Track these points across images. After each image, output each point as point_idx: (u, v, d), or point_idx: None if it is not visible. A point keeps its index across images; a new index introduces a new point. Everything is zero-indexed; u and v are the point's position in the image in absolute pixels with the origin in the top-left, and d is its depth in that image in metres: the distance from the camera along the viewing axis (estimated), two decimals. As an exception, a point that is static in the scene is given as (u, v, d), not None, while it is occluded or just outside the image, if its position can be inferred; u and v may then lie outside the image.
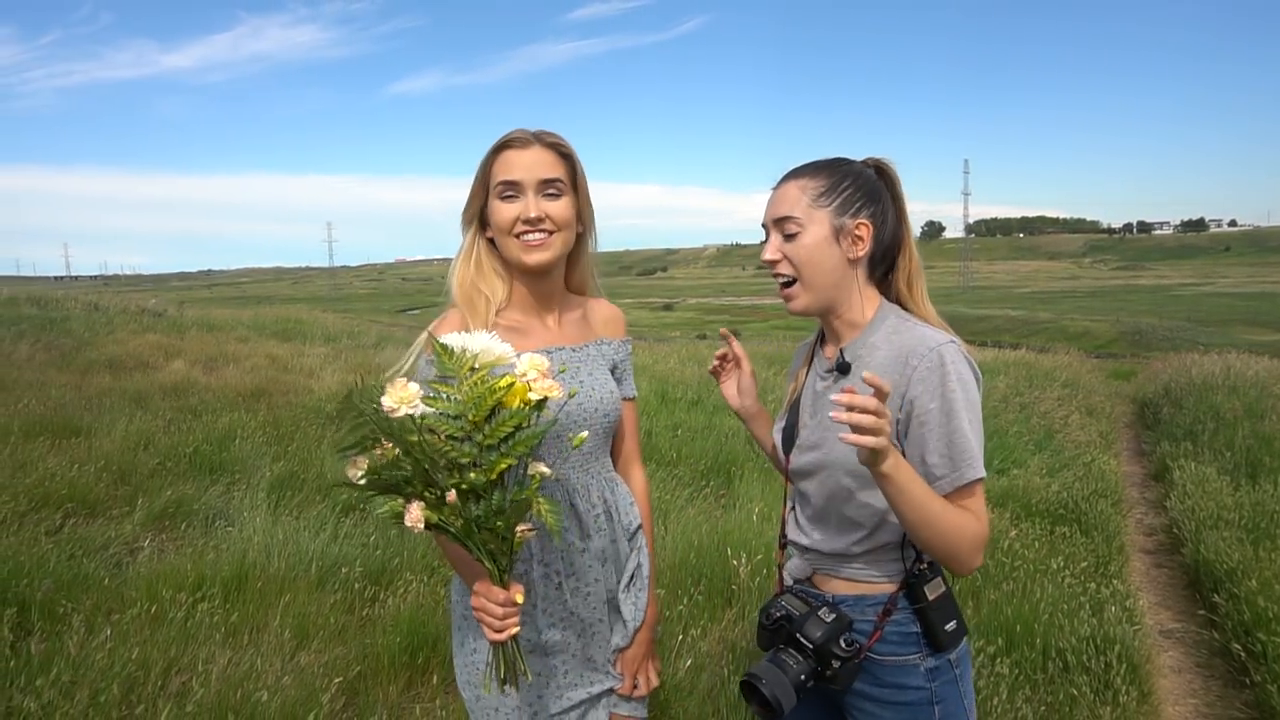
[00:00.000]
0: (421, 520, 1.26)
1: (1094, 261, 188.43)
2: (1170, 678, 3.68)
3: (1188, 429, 7.76)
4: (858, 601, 1.48)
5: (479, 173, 1.57)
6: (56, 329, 12.97)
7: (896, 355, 1.42)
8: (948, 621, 1.46)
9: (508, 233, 1.53)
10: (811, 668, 1.42)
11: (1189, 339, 38.85)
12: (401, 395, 1.23)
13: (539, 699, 1.60)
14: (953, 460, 1.37)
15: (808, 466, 1.52)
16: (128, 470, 5.47)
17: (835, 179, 1.48)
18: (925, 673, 1.46)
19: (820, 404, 1.52)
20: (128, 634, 3.09)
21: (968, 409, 1.37)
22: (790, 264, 1.48)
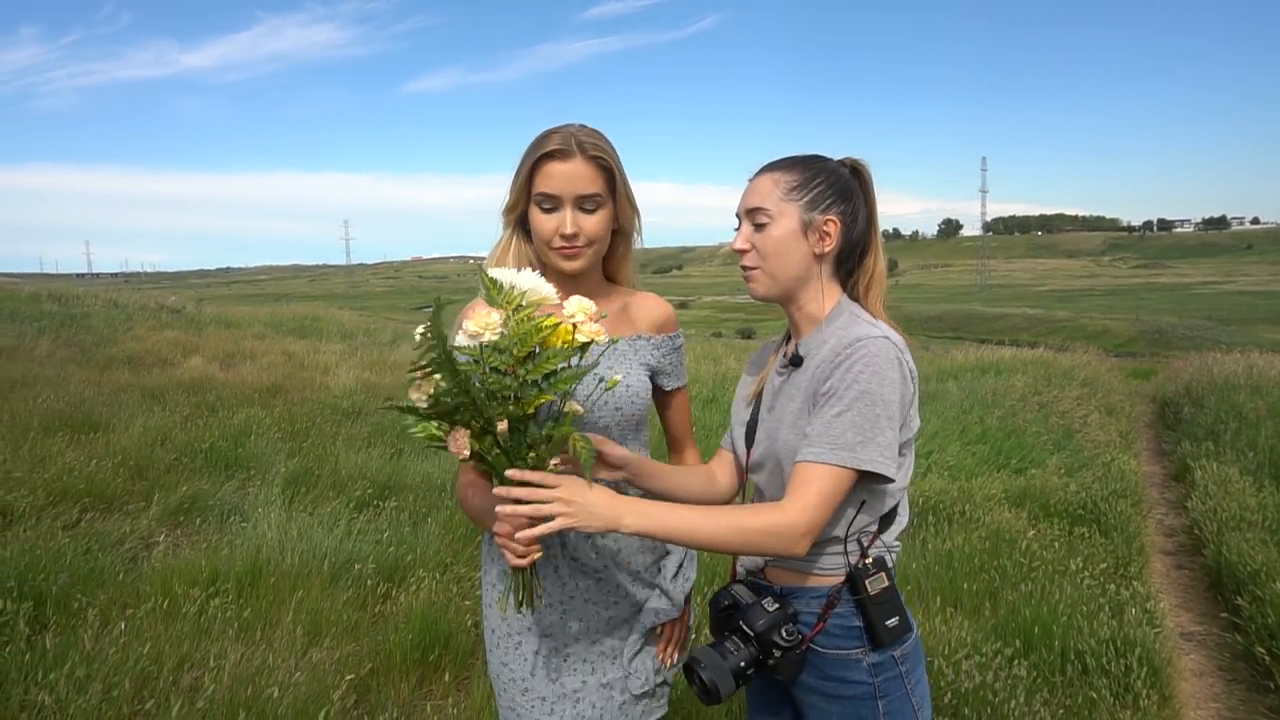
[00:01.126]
0: (467, 448, 1.30)
1: (1113, 260, 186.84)
2: (1192, 681, 3.62)
3: (1209, 429, 7.66)
4: (803, 593, 1.49)
5: (522, 175, 1.57)
6: (77, 325, 13.10)
7: (835, 346, 1.44)
8: (889, 617, 1.46)
9: (545, 243, 1.58)
10: (753, 655, 1.44)
11: (1210, 338, 38.45)
12: (486, 322, 1.26)
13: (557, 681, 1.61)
14: (811, 438, 1.39)
15: (759, 459, 1.56)
16: (144, 465, 5.50)
17: (809, 175, 1.50)
18: (868, 667, 1.46)
19: (776, 399, 1.55)
20: (142, 629, 3.10)
21: (859, 400, 1.37)
22: (757, 254, 1.51)
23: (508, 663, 1.62)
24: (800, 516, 1.35)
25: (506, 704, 1.64)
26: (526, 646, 1.62)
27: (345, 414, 7.50)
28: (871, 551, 1.48)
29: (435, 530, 4.38)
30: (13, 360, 9.36)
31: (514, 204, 1.60)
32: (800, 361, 1.51)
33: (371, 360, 11.27)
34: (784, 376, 1.56)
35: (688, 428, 1.80)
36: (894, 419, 1.39)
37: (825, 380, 1.41)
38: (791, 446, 1.45)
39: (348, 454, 5.89)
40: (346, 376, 9.55)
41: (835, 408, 1.38)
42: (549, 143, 1.54)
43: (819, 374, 1.43)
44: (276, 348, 12.02)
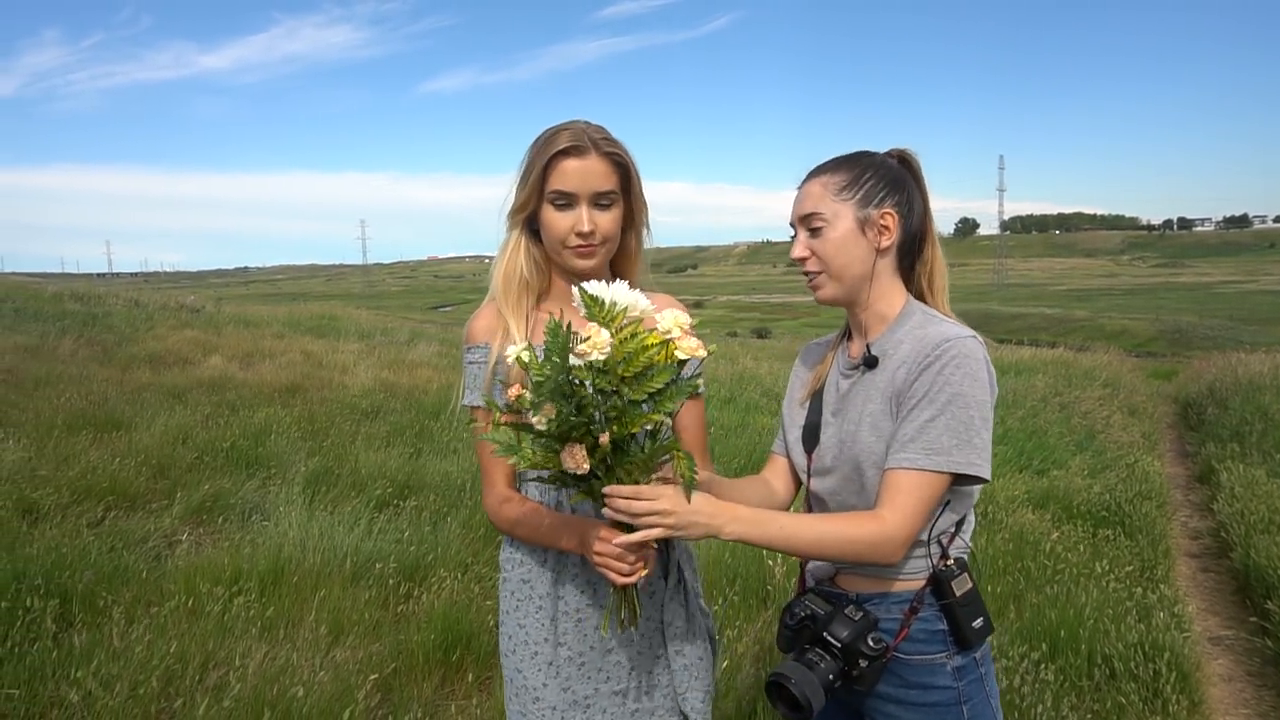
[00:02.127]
0: (586, 461, 1.28)
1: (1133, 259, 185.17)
2: (1220, 686, 3.57)
3: (1234, 430, 7.57)
4: (882, 599, 1.46)
5: (533, 174, 1.52)
6: (99, 325, 13.22)
7: (917, 348, 1.41)
8: (975, 618, 1.43)
9: (559, 242, 1.54)
10: (839, 667, 1.40)
11: (1232, 338, 38.02)
12: (596, 341, 1.25)
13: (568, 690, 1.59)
14: (903, 443, 1.37)
15: (831, 463, 1.51)
16: (166, 464, 5.54)
17: (856, 171, 1.48)
18: (952, 672, 1.43)
19: (846, 401, 1.51)
20: (166, 627, 3.12)
21: (953, 403, 1.35)
22: (818, 259, 1.48)
23: (522, 669, 1.61)
24: (900, 527, 1.34)
25: (519, 709, 1.62)
26: (542, 656, 1.60)
27: (364, 413, 7.53)
28: (952, 552, 1.45)
29: (455, 530, 4.38)
30: (37, 359, 9.45)
31: (524, 203, 1.55)
32: (874, 362, 1.47)
33: (389, 359, 11.31)
34: (852, 378, 1.52)
35: (702, 441, 1.70)
36: (988, 420, 1.38)
37: (912, 382, 1.39)
38: (873, 450, 1.42)
39: (367, 453, 5.91)
40: (365, 376, 9.59)
41: (927, 411, 1.36)
42: (562, 139, 1.51)
43: (903, 375, 1.41)
44: (295, 347, 12.09)
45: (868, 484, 1.44)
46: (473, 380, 1.62)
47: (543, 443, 1.29)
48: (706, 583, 3.66)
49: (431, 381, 9.38)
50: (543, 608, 1.60)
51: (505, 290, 1.59)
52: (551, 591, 1.59)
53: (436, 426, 6.95)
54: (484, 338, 1.60)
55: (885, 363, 1.46)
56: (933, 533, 1.43)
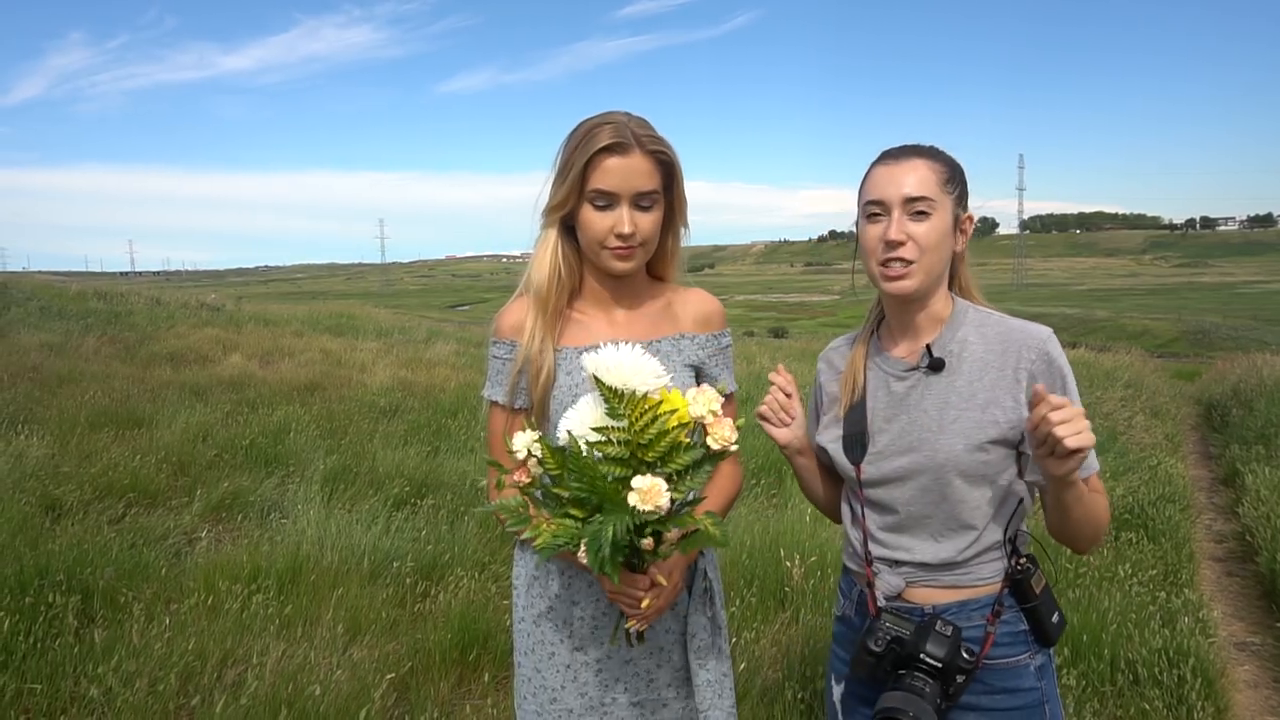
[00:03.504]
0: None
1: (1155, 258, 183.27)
2: (1246, 693, 3.51)
3: (1259, 432, 7.45)
4: (961, 608, 1.40)
5: (573, 171, 1.45)
6: (121, 323, 13.38)
7: (1001, 349, 1.40)
8: (1053, 613, 1.41)
9: (598, 243, 1.49)
10: (941, 688, 1.34)
11: (1256, 339, 37.51)
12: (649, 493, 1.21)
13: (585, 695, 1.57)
14: None
15: (897, 473, 1.43)
16: (187, 461, 5.58)
17: (954, 167, 1.44)
18: (1035, 671, 1.40)
19: (906, 405, 1.44)
20: (185, 624, 3.13)
21: (1076, 397, 1.37)
22: (916, 246, 1.39)
23: (541, 669, 1.58)
24: None
25: (535, 709, 1.59)
26: (559, 658, 1.57)
27: (382, 411, 7.56)
28: (1022, 549, 1.42)
29: (473, 529, 4.38)
30: (61, 356, 9.57)
31: (563, 201, 1.48)
32: (941, 365, 1.43)
33: (407, 358, 11.36)
34: (909, 381, 1.46)
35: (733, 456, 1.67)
36: None
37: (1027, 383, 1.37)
38: (961, 460, 1.37)
39: (385, 451, 5.93)
40: (383, 374, 9.64)
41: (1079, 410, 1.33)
42: (604, 135, 1.44)
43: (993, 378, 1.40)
44: (314, 345, 12.17)
45: (952, 494, 1.39)
46: (495, 375, 1.60)
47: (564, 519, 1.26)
48: (724, 584, 3.63)
49: (449, 380, 9.41)
50: (555, 609, 1.58)
51: (537, 289, 1.55)
52: (564, 594, 1.57)
53: (454, 425, 6.96)
54: (511, 334, 1.57)
55: (956, 365, 1.42)
56: (1009, 532, 1.41)
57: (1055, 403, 1.19)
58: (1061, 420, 1.18)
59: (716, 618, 1.59)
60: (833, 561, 3.84)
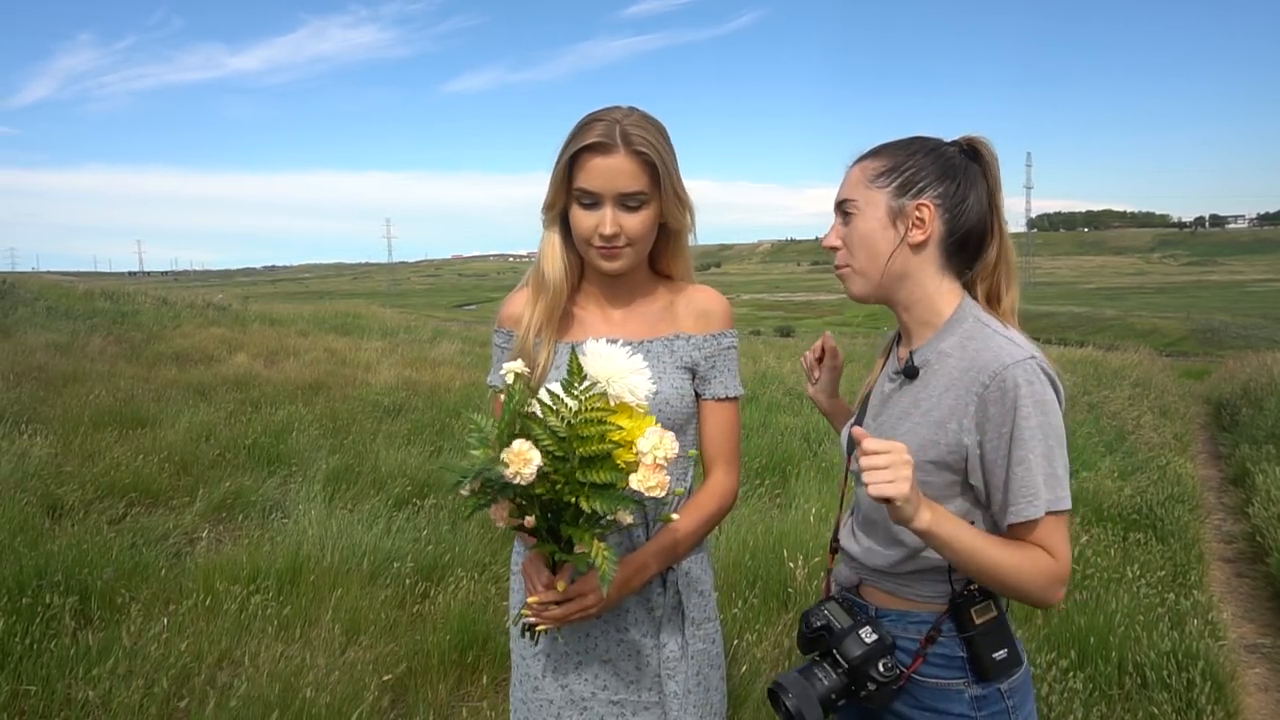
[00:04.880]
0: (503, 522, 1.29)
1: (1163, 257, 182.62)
2: (1256, 696, 3.46)
3: (1270, 431, 7.39)
4: (901, 618, 1.38)
5: (560, 170, 1.46)
6: (127, 322, 13.41)
7: (966, 368, 1.29)
8: (997, 649, 1.33)
9: (585, 242, 1.49)
10: (844, 685, 1.33)
11: (1265, 337, 37.31)
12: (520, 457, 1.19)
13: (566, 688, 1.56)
14: (1012, 495, 1.25)
15: None
16: (189, 461, 5.57)
17: (899, 159, 1.35)
18: (970, 700, 1.34)
19: (886, 407, 1.42)
20: (184, 625, 3.11)
21: (1042, 438, 1.24)
22: (846, 250, 1.39)
23: (525, 656, 1.59)
24: (1065, 572, 1.26)
25: (521, 697, 1.60)
26: (541, 647, 1.57)
27: (386, 411, 7.55)
28: None
29: (474, 529, 4.36)
30: (67, 356, 9.58)
31: (552, 201, 1.49)
32: (915, 373, 1.36)
33: (412, 357, 11.35)
34: (895, 384, 1.41)
35: (722, 446, 1.58)
36: (1064, 444, 1.28)
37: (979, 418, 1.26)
38: None
39: (388, 451, 5.91)
40: (387, 373, 9.63)
41: (1022, 451, 1.24)
42: (589, 134, 1.42)
43: (949, 402, 1.29)
44: (319, 345, 12.17)
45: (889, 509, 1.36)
46: (496, 362, 1.61)
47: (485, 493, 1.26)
48: (726, 585, 3.61)
49: (454, 379, 9.39)
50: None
51: (536, 285, 1.56)
52: None
53: (458, 425, 6.94)
54: (510, 324, 1.59)
55: (928, 376, 1.34)
56: None
57: (867, 448, 1.14)
58: (870, 466, 1.13)
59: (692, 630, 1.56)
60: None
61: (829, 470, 5.84)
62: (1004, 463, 1.25)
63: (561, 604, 1.37)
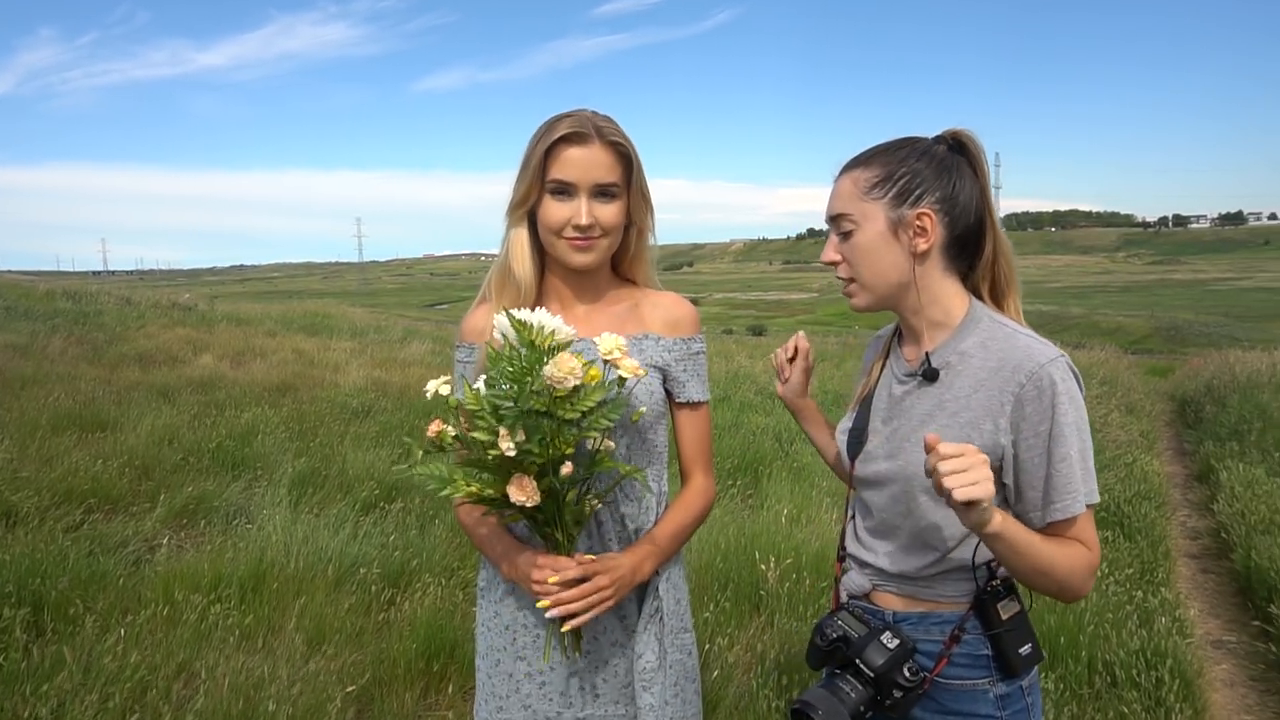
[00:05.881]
0: (537, 492, 1.26)
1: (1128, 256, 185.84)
2: (1223, 691, 3.50)
3: (1233, 428, 7.51)
4: (921, 620, 1.35)
5: (533, 163, 1.44)
6: (89, 323, 13.11)
7: (996, 368, 1.27)
8: (1023, 644, 1.32)
9: (556, 234, 1.46)
10: (870, 696, 1.30)
11: (1227, 335, 38.08)
12: (569, 367, 1.23)
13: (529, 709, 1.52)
14: (1055, 492, 1.25)
15: (877, 477, 1.39)
16: (151, 465, 5.44)
17: (891, 166, 1.33)
18: (995, 700, 1.32)
19: (899, 410, 1.39)
20: (141, 636, 3.02)
21: (1078, 434, 1.25)
22: (849, 265, 1.36)
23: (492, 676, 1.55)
24: (1098, 558, 1.29)
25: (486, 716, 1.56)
26: (504, 666, 1.53)
27: (354, 413, 7.44)
28: (1001, 573, 1.33)
29: (442, 533, 4.29)
30: (26, 358, 9.34)
31: (525, 196, 1.46)
32: (935, 375, 1.34)
33: (382, 358, 11.22)
34: (907, 386, 1.38)
35: (699, 451, 1.60)
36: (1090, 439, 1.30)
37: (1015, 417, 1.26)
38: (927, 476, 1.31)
39: (355, 453, 5.81)
40: (356, 374, 9.50)
41: (1061, 449, 1.24)
42: (563, 126, 1.43)
43: (981, 401, 1.28)
44: (287, 345, 12.00)
45: (916, 509, 1.33)
46: (458, 380, 1.55)
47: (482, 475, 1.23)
48: (697, 588, 3.57)
49: (424, 380, 9.22)
50: (499, 614, 1.54)
51: (500, 290, 1.51)
52: (508, 599, 1.52)
53: (427, 426, 6.84)
54: (473, 338, 1.55)
55: (951, 378, 1.32)
56: (979, 555, 1.32)
57: (943, 452, 1.11)
58: (950, 470, 1.10)
59: (671, 639, 1.52)
60: (808, 563, 3.79)
61: (801, 471, 5.84)
62: (1043, 460, 1.25)
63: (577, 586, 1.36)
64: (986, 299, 1.38)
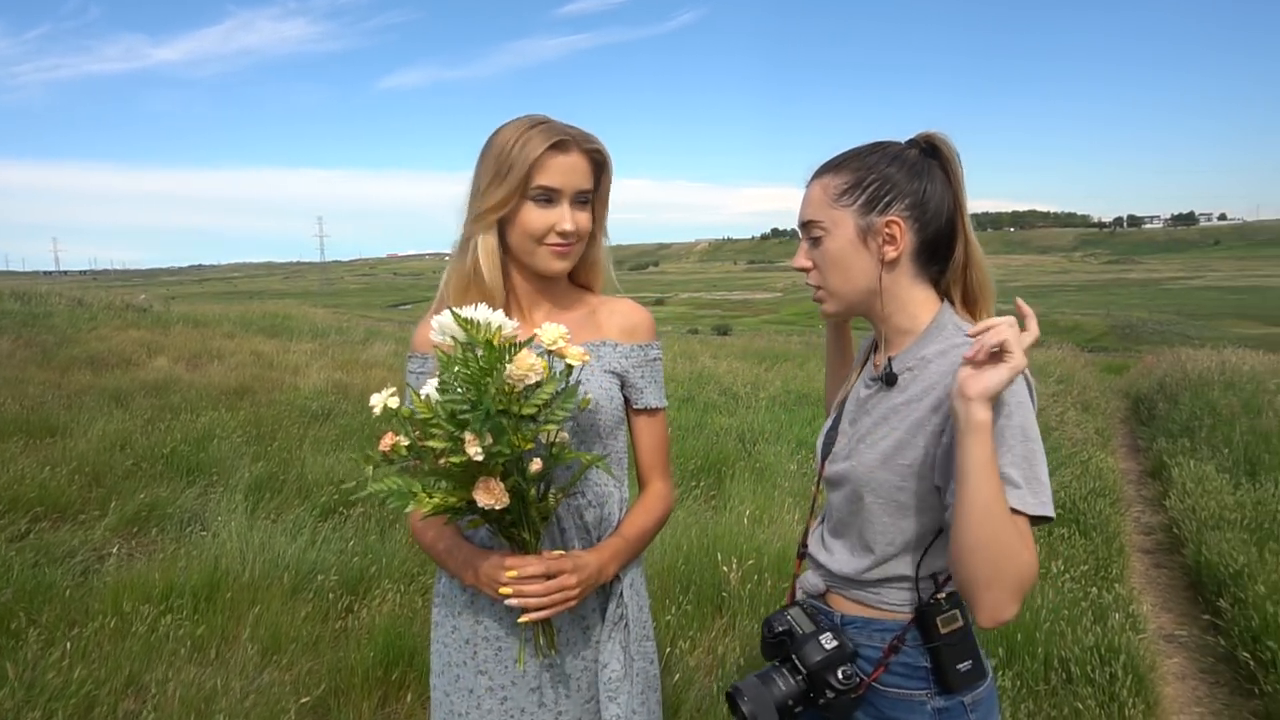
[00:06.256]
0: (506, 494, 1.23)
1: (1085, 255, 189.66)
2: (1174, 685, 3.57)
3: (1184, 425, 7.68)
4: (866, 625, 1.36)
5: (516, 170, 1.41)
6: (39, 325, 12.75)
7: (947, 371, 1.26)
8: (962, 660, 1.30)
9: (538, 240, 1.45)
10: (800, 691, 1.31)
11: (1179, 333, 39.03)
12: (530, 364, 1.21)
13: None
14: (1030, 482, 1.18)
15: (835, 476, 1.39)
16: (102, 472, 5.30)
17: (860, 173, 1.32)
18: (932, 712, 1.31)
19: (862, 412, 1.39)
20: (88, 649, 2.94)
21: (1022, 439, 1.20)
22: (818, 271, 1.36)
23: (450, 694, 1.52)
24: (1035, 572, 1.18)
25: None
26: (464, 681, 1.50)
27: (314, 416, 7.32)
28: (947, 587, 1.32)
29: (403, 538, 4.24)
30: (-31, 361, 9.08)
31: (504, 201, 1.43)
32: (894, 380, 1.33)
33: (343, 359, 11.06)
34: (872, 391, 1.38)
35: (658, 458, 1.61)
36: (1042, 448, 1.22)
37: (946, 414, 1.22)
38: (876, 479, 1.29)
39: (315, 457, 5.72)
40: (316, 376, 9.35)
41: (1006, 449, 1.18)
42: (548, 133, 1.42)
43: (930, 404, 1.25)
44: (245, 347, 11.78)
45: (862, 511, 1.32)
46: (408, 391, 1.52)
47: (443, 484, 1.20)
48: (659, 591, 3.56)
49: (386, 382, 9.05)
50: (458, 629, 1.51)
51: (461, 297, 1.47)
52: (468, 612, 1.50)
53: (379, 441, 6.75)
54: (426, 348, 1.50)
55: (908, 384, 1.31)
56: (921, 569, 1.31)
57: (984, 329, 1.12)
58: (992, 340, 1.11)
59: (636, 647, 1.50)
60: (770, 564, 3.80)
61: (763, 471, 5.86)
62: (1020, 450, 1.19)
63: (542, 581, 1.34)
64: (959, 305, 1.37)
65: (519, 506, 1.28)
